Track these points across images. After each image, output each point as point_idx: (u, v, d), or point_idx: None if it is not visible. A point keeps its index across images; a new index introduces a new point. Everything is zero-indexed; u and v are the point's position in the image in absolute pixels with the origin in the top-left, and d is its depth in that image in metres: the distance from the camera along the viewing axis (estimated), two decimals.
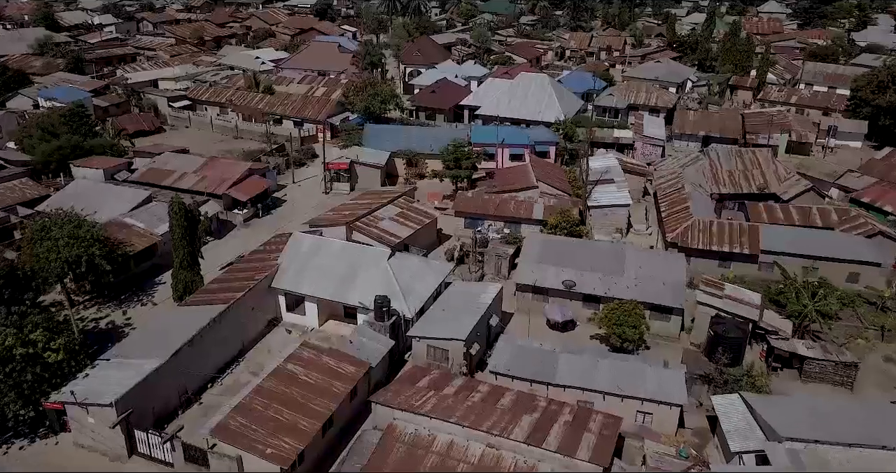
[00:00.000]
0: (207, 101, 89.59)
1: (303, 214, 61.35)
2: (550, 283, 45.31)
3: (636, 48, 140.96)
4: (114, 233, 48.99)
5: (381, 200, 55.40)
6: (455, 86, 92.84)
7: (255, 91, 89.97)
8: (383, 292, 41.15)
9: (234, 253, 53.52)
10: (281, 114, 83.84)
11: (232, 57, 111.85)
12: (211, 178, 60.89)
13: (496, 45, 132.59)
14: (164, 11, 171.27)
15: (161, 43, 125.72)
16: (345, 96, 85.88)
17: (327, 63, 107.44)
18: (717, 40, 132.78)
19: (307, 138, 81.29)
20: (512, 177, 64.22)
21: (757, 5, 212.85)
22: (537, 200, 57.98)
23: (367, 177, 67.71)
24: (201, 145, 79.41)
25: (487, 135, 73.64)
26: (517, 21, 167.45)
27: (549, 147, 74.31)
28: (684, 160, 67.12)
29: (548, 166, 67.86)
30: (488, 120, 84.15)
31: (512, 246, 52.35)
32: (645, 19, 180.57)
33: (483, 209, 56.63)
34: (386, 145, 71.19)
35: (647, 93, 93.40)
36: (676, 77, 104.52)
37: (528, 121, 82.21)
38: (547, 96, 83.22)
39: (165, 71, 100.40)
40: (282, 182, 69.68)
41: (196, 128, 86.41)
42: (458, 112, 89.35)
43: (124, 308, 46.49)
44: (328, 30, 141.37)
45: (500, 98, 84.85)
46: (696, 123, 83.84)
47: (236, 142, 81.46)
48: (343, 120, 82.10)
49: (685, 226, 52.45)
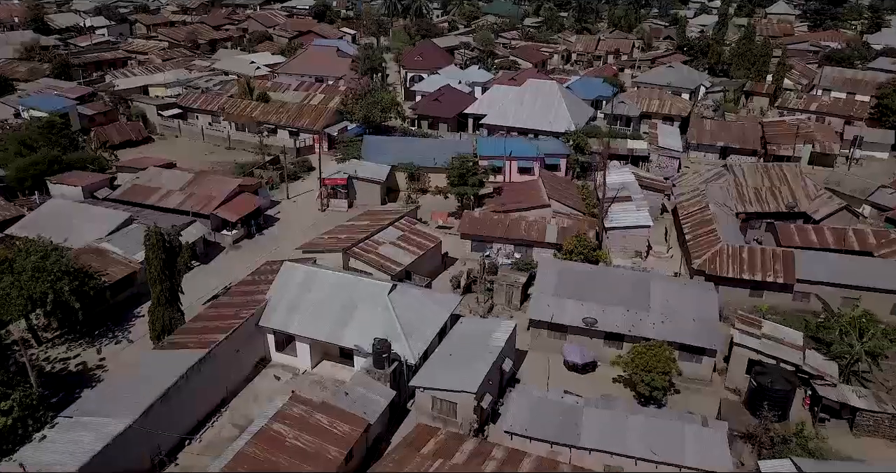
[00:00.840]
0: (199, 109, 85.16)
1: (297, 234, 57.05)
2: (569, 319, 40.95)
3: (644, 51, 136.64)
4: (88, 261, 44.66)
5: (382, 222, 51.06)
6: (459, 94, 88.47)
7: (248, 98, 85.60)
8: (383, 332, 36.88)
9: (220, 280, 49.20)
10: (275, 124, 79.45)
11: (226, 61, 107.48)
12: (198, 197, 56.54)
13: (500, 48, 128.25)
14: (158, 13, 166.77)
15: (153, 46, 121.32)
16: (343, 104, 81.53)
17: (325, 68, 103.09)
18: (729, 43, 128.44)
19: (303, 149, 76.90)
20: (521, 193, 59.87)
21: (765, 6, 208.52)
22: (550, 221, 53.62)
23: (367, 192, 63.36)
24: (191, 156, 75.20)
25: (494, 148, 69.31)
26: (521, 23, 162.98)
27: (559, 160, 69.99)
28: (706, 175, 62.74)
29: (559, 181, 63.49)
30: (494, 129, 79.86)
31: (524, 274, 47.99)
32: (652, 21, 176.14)
33: (491, 231, 52.27)
34: (386, 158, 66.88)
35: (661, 100, 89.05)
36: (690, 83, 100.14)
37: (536, 131, 77.87)
38: (556, 104, 78.84)
39: (156, 76, 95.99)
40: (276, 197, 65.31)
41: (186, 137, 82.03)
42: (461, 121, 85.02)
43: (98, 345, 42.12)
44: (327, 32, 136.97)
45: (506, 106, 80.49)
46: (713, 133, 79.47)
47: (228, 154, 77.11)
48: (341, 130, 77.75)
49: (713, 251, 48.06)
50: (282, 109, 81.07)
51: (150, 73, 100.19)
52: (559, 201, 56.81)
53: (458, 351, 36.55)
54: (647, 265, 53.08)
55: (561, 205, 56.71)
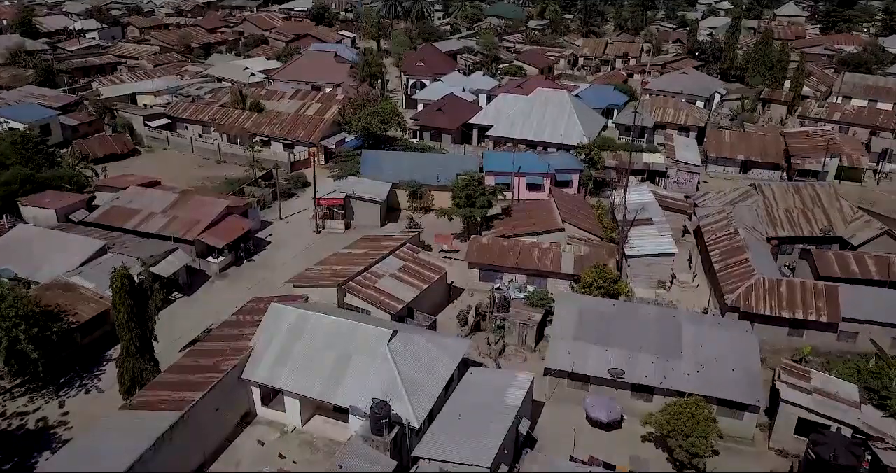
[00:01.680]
0: (189, 120, 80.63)
1: (289, 261, 52.59)
2: (592, 369, 36.40)
3: (653, 55, 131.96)
4: (54, 298, 40.21)
5: (381, 250, 46.45)
6: (463, 103, 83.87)
7: (241, 108, 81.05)
8: (382, 389, 32.37)
9: (203, 315, 44.63)
10: (269, 136, 74.89)
11: (220, 67, 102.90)
12: (182, 220, 51.97)
13: (504, 52, 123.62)
14: (152, 15, 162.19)
15: (144, 51, 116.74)
16: (341, 115, 76.95)
17: (322, 75, 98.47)
18: (741, 47, 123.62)
19: (298, 163, 72.37)
20: (533, 215, 55.33)
21: (773, 8, 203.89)
22: (565, 248, 49.04)
23: (365, 213, 58.82)
24: (179, 171, 70.69)
25: (502, 163, 64.69)
26: (525, 26, 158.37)
27: (571, 176, 65.43)
28: (732, 195, 58.10)
29: (573, 201, 58.91)
30: (500, 141, 75.29)
31: (539, 311, 43.41)
32: (659, 23, 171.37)
33: (501, 260, 47.68)
34: (386, 175, 62.33)
35: (676, 109, 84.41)
36: (704, 90, 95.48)
37: (545, 144, 73.31)
38: (567, 115, 74.26)
39: (144, 84, 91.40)
40: (268, 217, 60.77)
41: (175, 149, 77.49)
42: (466, 132, 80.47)
43: (63, 396, 37.60)
44: (325, 36, 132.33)
45: (514, 117, 75.91)
46: (732, 145, 74.84)
47: (219, 168, 72.58)
48: (339, 142, 73.21)
49: (747, 285, 43.46)
50: (275, 120, 76.52)
51: (138, 79, 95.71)
52: (574, 224, 52.25)
53: (468, 412, 31.99)
54: (672, 296, 48.53)
55: (576, 229, 52.15)
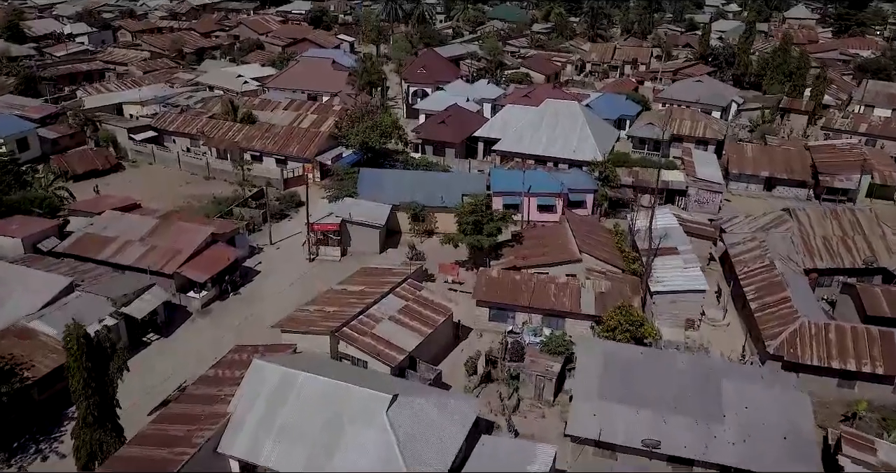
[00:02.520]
0: (176, 132, 75.91)
1: (280, 294, 47.95)
2: (622, 437, 31.70)
3: (663, 61, 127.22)
4: (10, 347, 35.60)
5: (380, 287, 41.76)
6: (467, 114, 79.15)
7: (231, 119, 76.35)
8: (380, 463, 27.76)
9: (180, 362, 39.98)
10: (261, 151, 70.19)
11: (212, 74, 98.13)
12: (161, 250, 47.25)
13: (508, 57, 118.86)
14: (146, 19, 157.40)
15: (134, 57, 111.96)
16: (338, 127, 72.23)
17: (319, 83, 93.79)
18: (753, 52, 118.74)
19: (292, 180, 67.63)
20: (546, 242, 50.61)
21: (783, 10, 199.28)
22: (584, 283, 44.32)
23: (363, 238, 54.15)
24: (165, 188, 66.11)
25: (510, 182, 60.12)
26: (529, 29, 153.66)
27: (585, 196, 60.77)
28: (763, 220, 53.35)
29: (589, 225, 54.19)
30: (508, 157, 70.56)
31: (558, 359, 38.70)
32: (667, 26, 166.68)
33: (513, 297, 42.94)
34: (386, 195, 57.66)
35: (693, 121, 79.64)
36: (720, 99, 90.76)
37: (556, 160, 68.61)
38: (580, 129, 69.49)
39: (131, 93, 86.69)
40: (257, 243, 56.06)
41: (161, 164, 72.74)
42: (470, 145, 75.77)
43: (16, 464, 32.91)
44: (322, 40, 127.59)
45: (522, 130, 71.14)
46: (755, 160, 70.12)
47: (207, 185, 67.84)
48: (335, 157, 68.49)
49: (790, 330, 38.74)
50: (268, 133, 71.80)
51: (126, 88, 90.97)
52: (593, 255, 47.52)
53: None
54: (702, 337, 43.84)
55: (595, 259, 47.44)
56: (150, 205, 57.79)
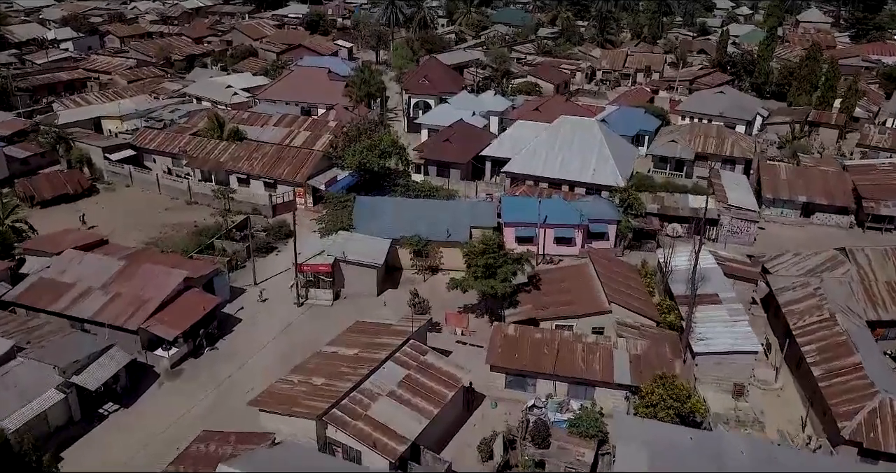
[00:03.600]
0: (156, 151, 69.60)
1: (262, 349, 41.79)
2: None
3: (678, 68, 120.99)
4: None
5: (378, 351, 35.47)
6: (473, 131, 72.82)
7: (217, 136, 70.07)
8: None
9: (140, 440, 33.72)
10: (248, 173, 63.89)
11: (199, 85, 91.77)
12: (126, 298, 40.99)
13: (514, 64, 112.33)
14: (135, 23, 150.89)
15: (119, 65, 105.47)
16: (332, 147, 65.97)
17: (313, 94, 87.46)
18: (772, 59, 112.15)
19: (281, 206, 61.41)
20: (567, 287, 44.29)
21: (795, 14, 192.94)
22: (616, 343, 38.04)
23: (359, 279, 47.86)
24: (142, 214, 60.03)
25: (524, 211, 53.88)
26: (535, 34, 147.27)
27: (607, 226, 54.51)
28: (813, 261, 46.92)
29: (615, 265, 47.86)
30: (519, 179, 64.22)
31: (590, 444, 32.40)
32: (678, 31, 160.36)
33: (534, 363, 36.61)
34: (384, 228, 51.40)
35: (719, 137, 73.26)
36: (745, 112, 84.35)
37: (572, 183, 62.31)
38: (598, 149, 63.09)
39: (110, 106, 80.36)
40: (240, 281, 49.82)
41: (139, 187, 66.47)
42: (477, 165, 69.47)
43: None
44: (319, 46, 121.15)
45: (534, 149, 64.72)
46: (791, 183, 63.73)
47: (188, 211, 61.61)
48: (329, 181, 62.19)
49: (868, 409, 32.45)
50: (256, 153, 65.44)
51: (107, 99, 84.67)
52: (624, 305, 41.23)
53: None
54: (754, 406, 37.56)
55: (626, 310, 41.16)
56: (119, 241, 51.65)
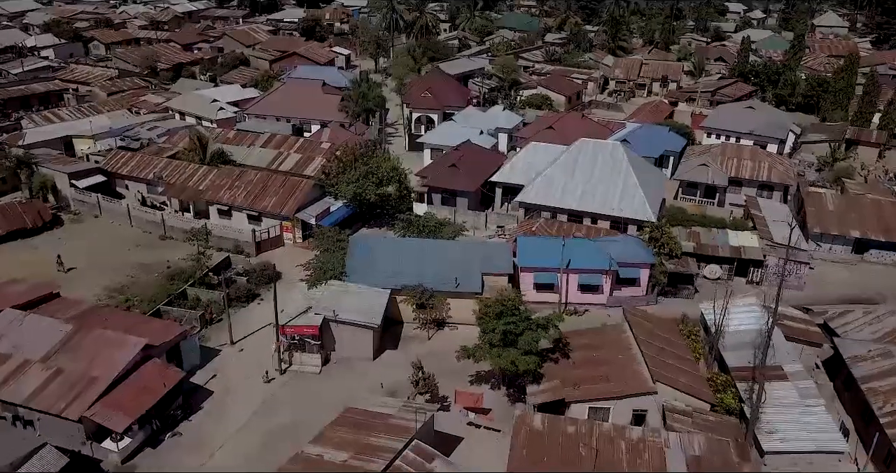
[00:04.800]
0: (130, 176, 62.58)
1: (236, 432, 34.63)
2: None
3: (695, 77, 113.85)
4: None
5: (372, 455, 28.33)
6: (482, 154, 65.74)
7: (199, 158, 63.10)
8: None
9: None
10: (229, 204, 56.79)
11: (183, 99, 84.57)
12: (70, 377, 33.90)
13: (522, 73, 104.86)
14: (123, 28, 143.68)
15: (99, 75, 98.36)
16: (325, 173, 58.98)
17: (307, 109, 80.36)
18: (794, 67, 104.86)
19: (266, 242, 54.41)
20: (603, 358, 37.12)
21: (811, 18, 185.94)
22: (666, 439, 30.88)
23: (353, 341, 40.73)
24: (108, 252, 53.08)
25: (543, 253, 46.88)
26: (542, 39, 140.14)
27: (639, 271, 47.43)
28: (890, 321, 39.76)
29: (654, 325, 40.64)
30: (534, 210, 57.13)
31: None
32: (691, 36, 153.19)
33: (569, 466, 29.51)
34: (382, 275, 44.29)
35: (755, 160, 66.10)
36: (777, 129, 77.08)
37: (595, 216, 55.26)
38: (623, 177, 55.93)
39: (81, 123, 73.17)
40: (214, 341, 42.73)
41: (108, 219, 59.37)
42: (487, 193, 62.42)
43: None
44: (314, 54, 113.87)
45: (552, 176, 57.48)
46: (840, 216, 56.51)
47: (162, 247, 54.54)
48: (321, 214, 55.10)
49: None
50: (239, 181, 58.24)
51: (82, 116, 77.61)
52: (671, 384, 34.11)
53: None
54: None
55: (673, 389, 34.05)
56: (78, 288, 44.95)
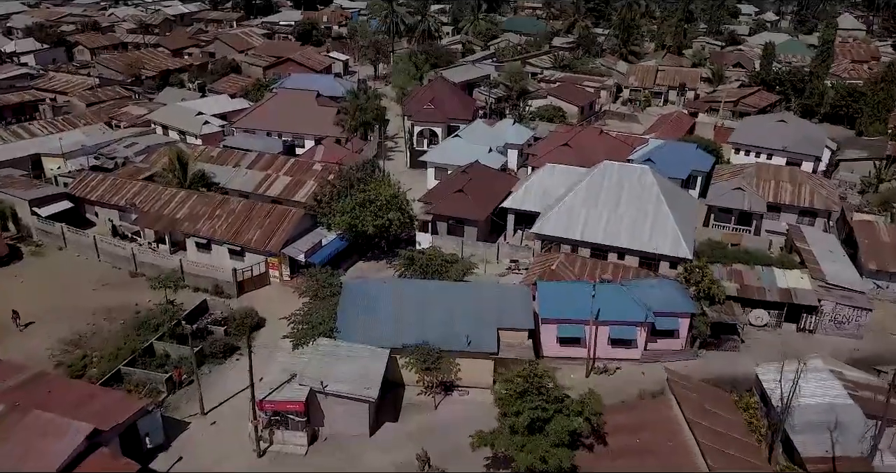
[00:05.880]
0: (100, 203, 56.20)
1: None
2: None
3: (713, 84, 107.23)
4: None
5: None
6: (492, 177, 59.16)
7: (178, 181, 56.76)
8: None
9: None
10: (208, 237, 50.30)
11: (167, 111, 77.92)
12: None
13: (530, 80, 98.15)
14: (110, 32, 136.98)
15: (79, 84, 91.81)
16: (317, 200, 52.54)
17: (299, 123, 73.87)
18: (818, 75, 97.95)
19: (249, 282, 47.98)
20: (645, 446, 30.66)
21: (824, 20, 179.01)
22: None
23: (345, 415, 34.29)
24: (69, 295, 46.80)
25: (568, 302, 40.47)
26: (549, 44, 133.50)
27: (678, 321, 40.98)
28: None
29: (704, 398, 34.10)
30: (552, 243, 50.62)
31: None
32: (704, 40, 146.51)
33: None
34: (380, 330, 37.90)
35: (794, 183, 59.56)
36: (813, 145, 70.51)
37: (622, 251, 48.77)
38: (654, 207, 49.29)
39: (51, 140, 66.63)
40: (183, 410, 36.31)
41: (74, 251, 53.01)
42: (498, 221, 55.97)
43: None
44: (309, 60, 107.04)
45: (572, 205, 50.92)
46: None
47: (132, 287, 48.09)
48: (311, 249, 48.65)
49: None
50: (221, 210, 51.75)
51: (55, 130, 71.14)
52: None
53: None
54: None
55: None
56: (29, 338, 38.90)
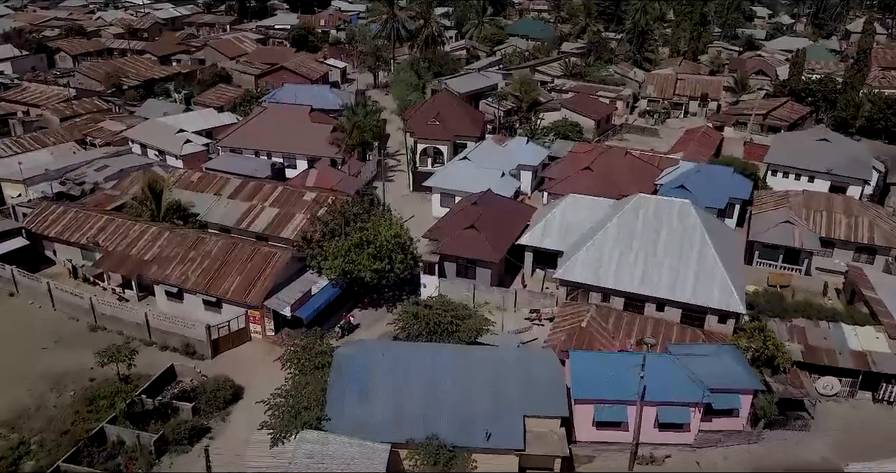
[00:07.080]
0: (59, 239, 49.19)
1: None
2: None
3: (736, 94, 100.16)
4: None
5: None
6: (506, 208, 52.11)
7: (150, 213, 49.79)
8: None
9: None
10: (179, 286, 43.23)
11: (146, 127, 70.61)
12: None
13: (539, 88, 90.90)
14: (96, 37, 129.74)
15: (54, 96, 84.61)
16: (306, 240, 45.48)
17: (291, 142, 66.74)
18: (850, 85, 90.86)
19: (226, 339, 40.95)
20: None
21: (843, 23, 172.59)
22: None
23: None
24: (15, 354, 39.92)
25: (606, 379, 33.42)
26: (558, 49, 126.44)
27: (739, 398, 33.99)
28: None
29: None
30: (578, 290, 43.54)
31: None
32: (720, 45, 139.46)
33: None
34: (378, 416, 30.89)
35: (849, 215, 52.53)
36: (860, 167, 63.46)
37: (659, 301, 41.71)
38: (698, 249, 42.24)
39: (10, 162, 59.52)
40: None
41: (27, 298, 45.93)
42: (514, 261, 48.91)
43: None
44: (304, 68, 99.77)
45: (601, 246, 43.84)
46: None
47: (90, 343, 40.79)
48: (299, 300, 41.62)
49: None
50: (195, 250, 44.73)
51: (21, 150, 64.09)
52: None
53: None
54: None
55: None
56: None
